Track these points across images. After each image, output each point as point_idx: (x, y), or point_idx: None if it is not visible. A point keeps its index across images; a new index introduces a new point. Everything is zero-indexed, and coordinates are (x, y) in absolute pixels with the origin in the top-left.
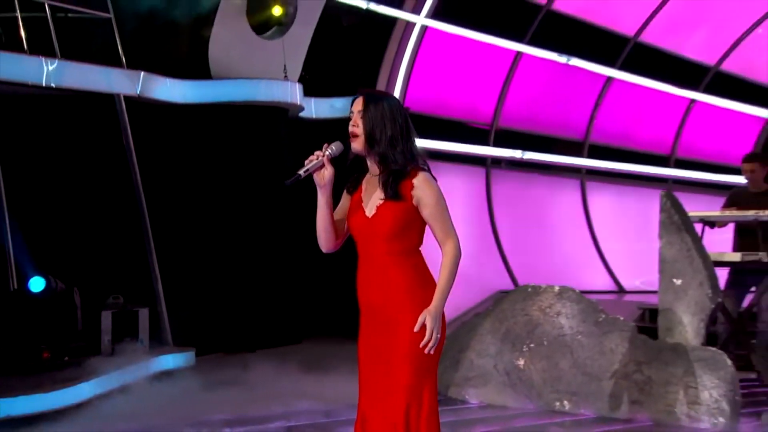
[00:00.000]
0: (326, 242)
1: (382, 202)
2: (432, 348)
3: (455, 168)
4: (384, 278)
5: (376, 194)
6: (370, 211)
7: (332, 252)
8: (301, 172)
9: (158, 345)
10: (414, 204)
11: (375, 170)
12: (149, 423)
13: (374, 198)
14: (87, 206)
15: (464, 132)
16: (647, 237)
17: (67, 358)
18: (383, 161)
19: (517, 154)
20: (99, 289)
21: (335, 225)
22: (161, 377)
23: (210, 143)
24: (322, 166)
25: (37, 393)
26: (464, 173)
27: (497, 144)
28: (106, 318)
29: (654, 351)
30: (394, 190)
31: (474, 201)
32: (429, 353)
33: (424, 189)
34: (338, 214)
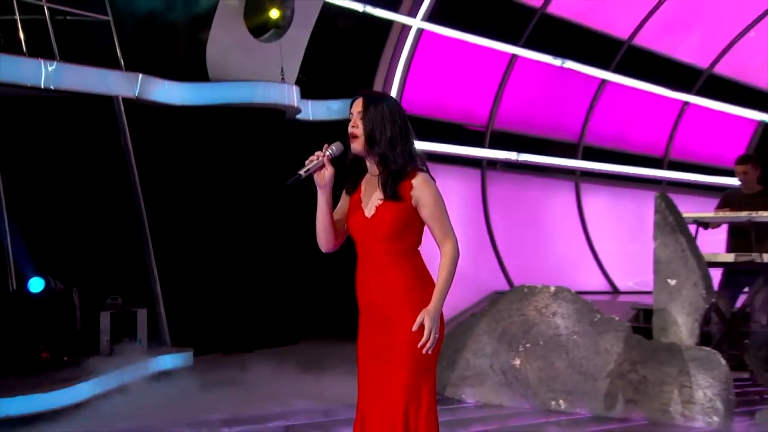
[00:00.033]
0: (326, 242)
1: (382, 203)
2: (430, 348)
3: (451, 170)
4: (383, 278)
5: (376, 194)
6: (370, 212)
7: (331, 252)
8: (302, 172)
9: (156, 345)
10: (413, 204)
11: (374, 171)
12: (148, 423)
13: (373, 198)
14: (86, 207)
15: (460, 134)
16: (641, 238)
17: (66, 359)
18: (383, 162)
19: (513, 156)
20: (98, 290)
21: (335, 225)
22: (159, 377)
23: (208, 145)
24: (323, 166)
25: (36, 393)
26: (460, 175)
27: (493, 146)
28: (105, 318)
29: (649, 351)
30: (394, 191)
31: (469, 202)
32: (427, 353)
33: (423, 190)
34: (337, 215)
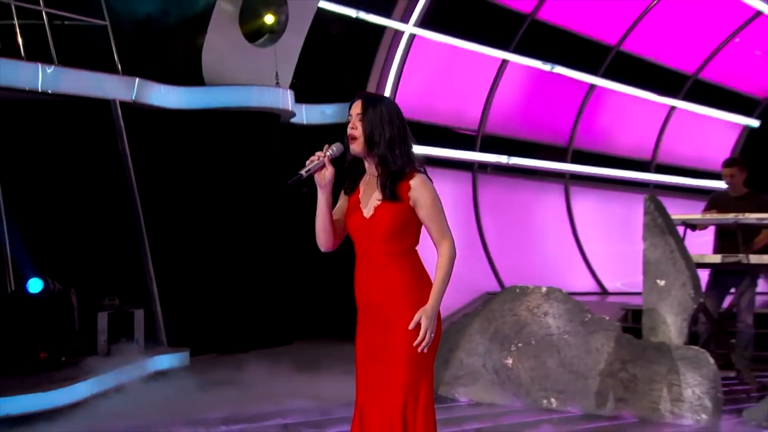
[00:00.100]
0: (325, 242)
1: (380, 203)
2: (426, 346)
3: (442, 173)
4: (382, 278)
5: (374, 195)
6: (368, 212)
7: (330, 251)
8: (303, 172)
9: (153, 345)
10: (411, 205)
11: (373, 171)
12: (145, 422)
13: (372, 199)
14: (84, 209)
15: (451, 138)
16: (629, 240)
17: (64, 358)
18: (383, 163)
19: (503, 160)
20: (95, 291)
21: (334, 225)
22: (156, 377)
23: (203, 148)
24: (323, 167)
25: (35, 392)
26: (451, 178)
27: (483, 149)
28: (103, 319)
29: (638, 350)
30: (392, 191)
31: (461, 205)
32: (424, 351)
33: (421, 190)
34: (336, 215)
